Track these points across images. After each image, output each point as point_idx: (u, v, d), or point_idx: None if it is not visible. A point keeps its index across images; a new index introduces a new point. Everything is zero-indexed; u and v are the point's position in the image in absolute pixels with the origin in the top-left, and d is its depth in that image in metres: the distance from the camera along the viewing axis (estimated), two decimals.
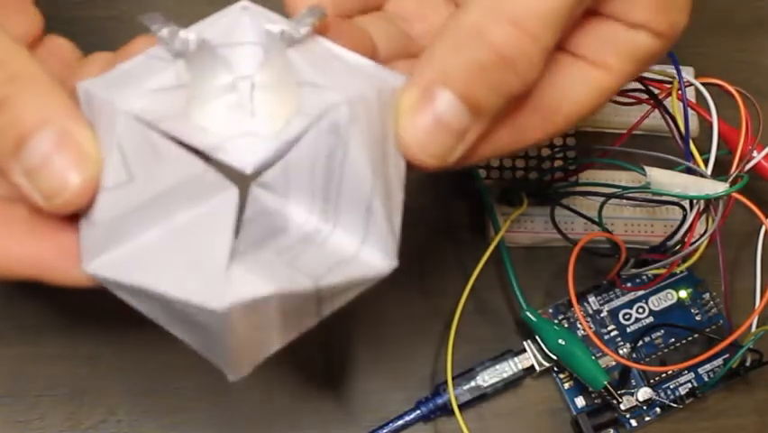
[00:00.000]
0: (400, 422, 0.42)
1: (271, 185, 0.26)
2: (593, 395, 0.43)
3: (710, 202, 0.38)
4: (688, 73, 0.46)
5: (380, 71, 0.26)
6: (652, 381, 0.43)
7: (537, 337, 0.42)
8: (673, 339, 0.44)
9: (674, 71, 0.40)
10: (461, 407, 0.41)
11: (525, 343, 0.42)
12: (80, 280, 0.26)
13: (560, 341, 0.41)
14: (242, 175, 0.25)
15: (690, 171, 0.38)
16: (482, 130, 0.27)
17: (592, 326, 0.44)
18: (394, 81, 0.26)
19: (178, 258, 0.25)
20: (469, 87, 0.26)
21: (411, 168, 0.27)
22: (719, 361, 0.43)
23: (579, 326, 0.43)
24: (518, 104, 0.28)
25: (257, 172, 0.25)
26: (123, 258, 0.25)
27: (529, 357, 0.42)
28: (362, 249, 0.26)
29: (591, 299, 0.44)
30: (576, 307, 0.39)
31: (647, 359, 0.43)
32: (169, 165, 0.25)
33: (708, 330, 0.44)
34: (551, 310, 0.44)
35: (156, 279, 0.25)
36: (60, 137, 0.25)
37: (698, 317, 0.44)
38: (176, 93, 0.25)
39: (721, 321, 0.44)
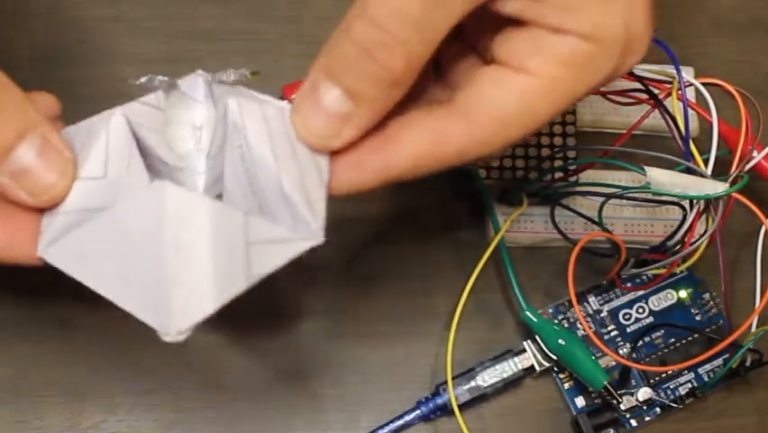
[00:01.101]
0: (400, 422, 0.42)
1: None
2: (593, 395, 0.43)
3: (710, 202, 0.38)
4: (688, 73, 0.46)
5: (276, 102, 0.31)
6: (652, 381, 0.43)
7: (537, 337, 0.42)
8: (673, 339, 0.44)
9: (674, 71, 0.40)
10: (461, 407, 0.41)
11: (525, 343, 0.42)
12: (34, 262, 0.30)
13: (560, 341, 0.41)
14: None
15: (690, 171, 0.38)
16: (370, 116, 0.29)
17: (592, 326, 0.44)
18: (279, 105, 0.31)
19: (119, 258, 0.28)
20: (342, 77, 0.29)
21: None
22: (719, 361, 0.43)
23: (579, 326, 0.43)
24: (437, 108, 0.30)
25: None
26: (72, 249, 0.28)
27: (529, 357, 0.42)
28: (280, 222, 0.29)
29: (591, 299, 0.44)
30: (576, 307, 0.39)
31: (647, 359, 0.43)
32: (134, 176, 0.28)
33: (708, 330, 0.44)
34: (551, 310, 0.44)
35: (98, 277, 0.28)
36: (43, 144, 0.28)
37: (698, 317, 0.44)
38: (156, 111, 0.30)
39: (721, 321, 0.44)
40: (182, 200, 0.27)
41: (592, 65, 0.30)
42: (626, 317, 0.44)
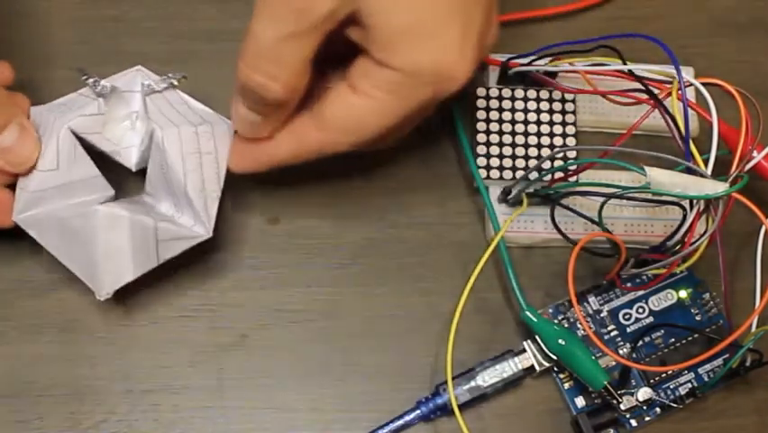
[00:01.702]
0: (400, 422, 0.42)
1: (149, 192, 0.42)
2: (593, 395, 0.43)
3: (710, 202, 0.38)
4: (688, 73, 0.46)
5: (213, 116, 0.42)
6: (652, 381, 0.43)
7: (537, 337, 0.42)
8: (673, 339, 0.44)
9: (674, 71, 0.40)
10: (461, 407, 0.41)
11: (525, 343, 0.42)
12: (9, 225, 0.40)
13: (560, 341, 0.41)
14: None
15: (690, 171, 0.38)
16: (268, 124, 0.39)
17: (592, 326, 0.44)
18: (221, 122, 0.41)
19: (69, 222, 0.40)
20: (245, 99, 0.39)
21: None
22: (719, 361, 0.43)
23: (579, 326, 0.43)
24: (296, 115, 0.40)
25: (145, 167, 0.41)
26: (37, 217, 0.40)
27: (529, 357, 0.42)
28: (194, 225, 0.41)
29: (591, 299, 0.44)
30: (576, 307, 0.39)
31: (647, 359, 0.43)
32: (80, 165, 0.40)
33: (708, 330, 0.44)
34: (551, 310, 0.44)
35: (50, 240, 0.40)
36: (22, 129, 0.40)
37: (698, 317, 0.44)
38: (97, 118, 0.41)
39: (721, 321, 0.44)
40: (110, 214, 0.39)
41: (408, 92, 0.37)
42: (626, 317, 0.44)
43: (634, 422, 0.43)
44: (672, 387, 0.43)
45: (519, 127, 0.44)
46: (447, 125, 0.45)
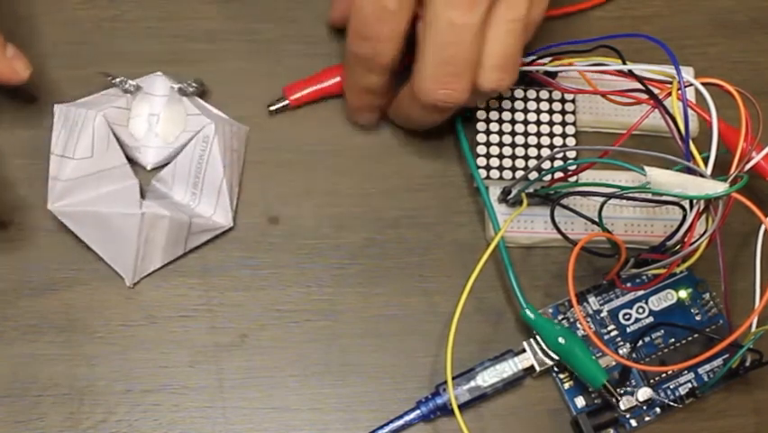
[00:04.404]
0: (400, 422, 0.42)
1: (163, 178, 0.44)
2: (593, 395, 0.43)
3: (710, 202, 0.38)
4: (688, 73, 0.46)
5: (230, 120, 0.45)
6: (652, 381, 0.43)
7: (537, 336, 0.42)
8: (673, 339, 0.44)
9: (674, 71, 0.40)
10: (461, 407, 0.41)
11: (525, 343, 0.42)
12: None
13: (559, 339, 0.41)
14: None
15: (689, 171, 0.38)
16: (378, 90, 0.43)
17: (592, 326, 0.44)
18: (239, 125, 0.45)
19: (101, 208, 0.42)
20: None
21: None
22: (719, 361, 0.43)
23: (579, 326, 0.43)
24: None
25: (158, 166, 0.44)
26: (75, 209, 0.42)
27: (529, 357, 0.42)
28: (213, 215, 0.43)
29: (591, 299, 0.44)
30: (576, 307, 0.39)
31: (647, 359, 0.43)
32: (112, 153, 0.42)
33: (708, 330, 0.44)
34: (551, 310, 0.44)
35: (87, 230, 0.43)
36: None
37: (698, 317, 0.44)
38: (124, 112, 0.44)
39: (721, 321, 0.44)
40: (153, 216, 0.42)
41: None
42: (626, 317, 0.44)
43: (634, 422, 0.43)
44: (671, 387, 0.43)
45: (519, 127, 0.44)
46: (447, 125, 0.45)
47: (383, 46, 0.40)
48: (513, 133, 0.44)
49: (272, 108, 0.45)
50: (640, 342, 0.43)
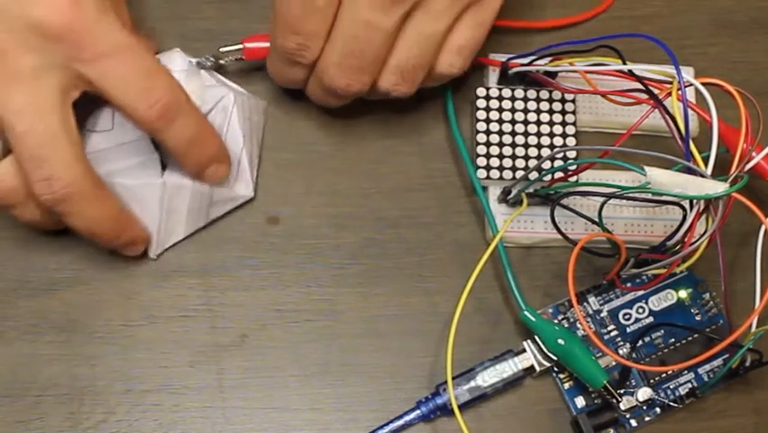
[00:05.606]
0: (400, 422, 0.42)
1: None
2: (593, 395, 0.43)
3: (710, 202, 0.38)
4: (688, 73, 0.46)
5: (247, 93, 0.45)
6: (652, 381, 0.43)
7: (537, 337, 0.42)
8: (673, 339, 0.44)
9: (674, 71, 0.40)
10: (461, 407, 0.41)
11: (525, 343, 0.42)
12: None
13: (559, 341, 0.41)
14: None
15: (689, 171, 0.38)
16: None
17: (592, 326, 0.44)
18: (257, 98, 0.45)
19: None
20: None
21: None
22: (719, 361, 0.43)
23: (579, 326, 0.43)
24: None
25: None
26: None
27: (529, 357, 0.42)
28: (234, 185, 0.44)
29: (591, 299, 0.44)
30: (576, 307, 0.39)
31: (647, 359, 0.43)
32: (131, 126, 0.40)
33: (708, 330, 0.44)
34: (551, 310, 0.44)
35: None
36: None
37: (698, 317, 0.44)
38: None
39: (721, 321, 0.44)
40: (175, 185, 0.42)
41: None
42: (626, 317, 0.44)
43: (634, 422, 0.43)
44: (671, 387, 0.43)
45: (519, 127, 0.44)
46: (447, 125, 0.45)
47: (310, 41, 0.40)
48: (513, 133, 0.44)
49: (223, 50, 0.45)
50: (640, 342, 0.43)
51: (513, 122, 0.45)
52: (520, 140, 0.44)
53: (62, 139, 0.38)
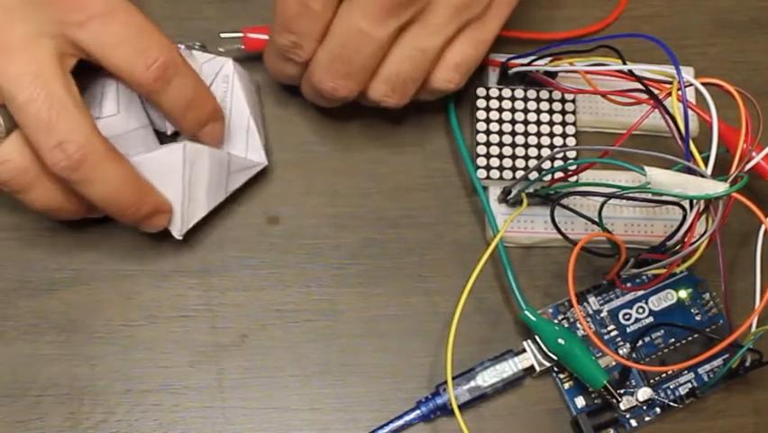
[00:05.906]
0: (400, 422, 0.42)
1: None
2: (593, 395, 0.43)
3: (710, 202, 0.38)
4: (688, 73, 0.46)
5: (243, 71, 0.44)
6: (652, 381, 0.43)
7: (537, 337, 0.42)
8: (673, 339, 0.44)
9: (674, 71, 0.40)
10: (461, 407, 0.41)
11: (525, 343, 0.42)
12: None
13: (559, 340, 0.41)
14: None
15: (689, 171, 0.38)
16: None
17: (592, 326, 0.44)
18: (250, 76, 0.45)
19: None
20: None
21: None
22: (719, 361, 0.43)
23: (579, 326, 0.43)
24: None
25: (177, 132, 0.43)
26: None
27: (529, 357, 0.42)
28: (247, 154, 0.43)
29: (591, 299, 0.44)
30: (576, 307, 0.39)
31: (647, 359, 0.43)
32: (136, 111, 0.41)
33: (708, 330, 0.44)
34: (551, 310, 0.44)
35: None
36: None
37: (698, 317, 0.44)
38: None
39: (721, 321, 0.44)
40: (195, 149, 0.41)
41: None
42: (626, 317, 0.44)
43: (634, 422, 0.43)
44: (671, 387, 0.43)
45: (519, 127, 0.44)
46: (447, 125, 0.45)
47: (303, 41, 0.40)
48: (513, 133, 0.44)
49: (224, 36, 0.45)
50: (640, 342, 0.43)
51: (513, 122, 0.45)
52: (520, 140, 0.44)
53: (67, 102, 0.36)
